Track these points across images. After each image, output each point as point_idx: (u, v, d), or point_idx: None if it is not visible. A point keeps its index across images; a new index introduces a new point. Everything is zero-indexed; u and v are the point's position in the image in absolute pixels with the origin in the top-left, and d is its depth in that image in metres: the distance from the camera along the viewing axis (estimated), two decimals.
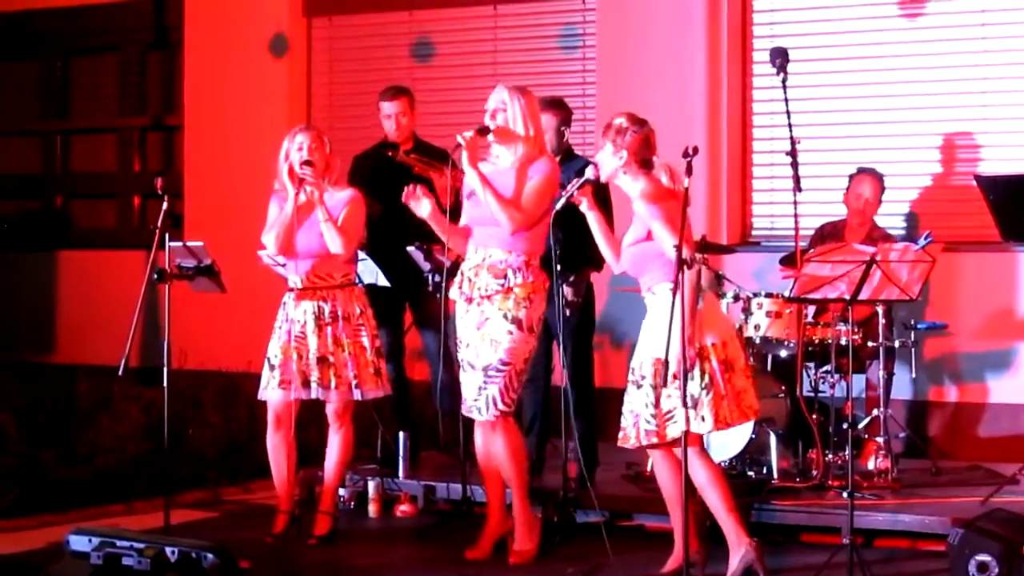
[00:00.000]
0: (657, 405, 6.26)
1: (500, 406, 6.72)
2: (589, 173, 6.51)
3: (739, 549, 6.35)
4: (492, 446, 6.84)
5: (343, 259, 7.21)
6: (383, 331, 8.19)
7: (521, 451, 6.91)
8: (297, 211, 7.17)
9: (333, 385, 7.19)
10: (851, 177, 8.34)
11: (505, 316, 6.69)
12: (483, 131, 6.72)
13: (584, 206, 6.46)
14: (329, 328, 7.19)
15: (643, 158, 6.44)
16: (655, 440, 6.31)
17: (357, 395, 7.24)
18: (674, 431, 6.22)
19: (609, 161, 6.45)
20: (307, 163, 7.15)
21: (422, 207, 6.80)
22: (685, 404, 6.03)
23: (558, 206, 6.57)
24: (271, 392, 7.26)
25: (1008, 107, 8.94)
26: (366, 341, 7.25)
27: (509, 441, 6.81)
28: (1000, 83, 8.96)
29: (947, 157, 9.14)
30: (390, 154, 8.22)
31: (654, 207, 6.31)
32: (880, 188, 8.28)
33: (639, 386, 6.34)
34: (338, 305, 7.22)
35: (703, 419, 6.27)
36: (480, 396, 6.74)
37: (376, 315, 8.07)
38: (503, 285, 6.69)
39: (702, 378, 6.26)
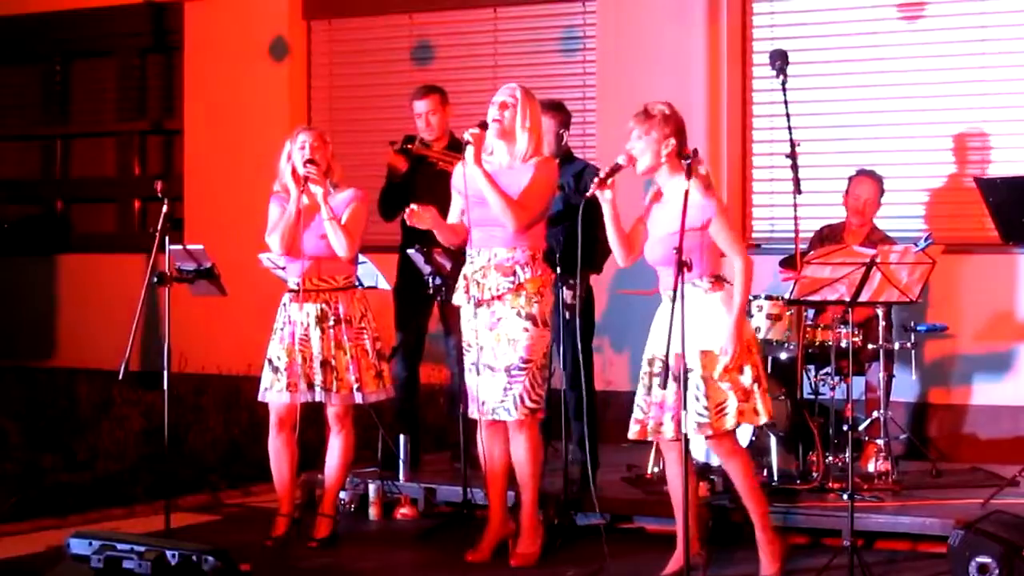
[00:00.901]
0: (708, 396, 6.21)
1: (528, 403, 6.73)
2: (621, 161, 6.32)
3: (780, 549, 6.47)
4: (514, 446, 6.83)
5: (347, 260, 7.20)
6: (405, 332, 8.23)
7: (540, 454, 6.92)
8: (301, 212, 7.16)
9: (335, 388, 7.18)
10: (850, 179, 8.34)
11: (519, 314, 6.69)
12: (483, 126, 6.73)
13: (607, 196, 6.27)
14: (331, 331, 7.18)
15: (681, 148, 6.36)
16: (709, 432, 6.26)
17: (359, 398, 7.23)
18: (728, 423, 6.23)
19: (651, 149, 6.30)
20: (310, 162, 7.14)
21: (424, 221, 6.81)
22: (685, 405, 6.02)
23: (588, 194, 6.32)
24: (275, 395, 7.25)
25: (1008, 109, 8.94)
26: (368, 344, 7.24)
27: (531, 442, 6.81)
28: (1000, 85, 8.96)
29: (947, 159, 9.15)
30: (408, 147, 8.25)
31: (718, 201, 6.29)
32: (879, 190, 8.27)
33: (677, 379, 6.18)
34: (340, 307, 7.21)
35: (756, 412, 6.28)
36: (507, 397, 6.73)
37: (401, 316, 8.12)
38: (514, 282, 6.69)
39: (752, 371, 6.27)
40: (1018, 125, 8.92)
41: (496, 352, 6.73)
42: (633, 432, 6.43)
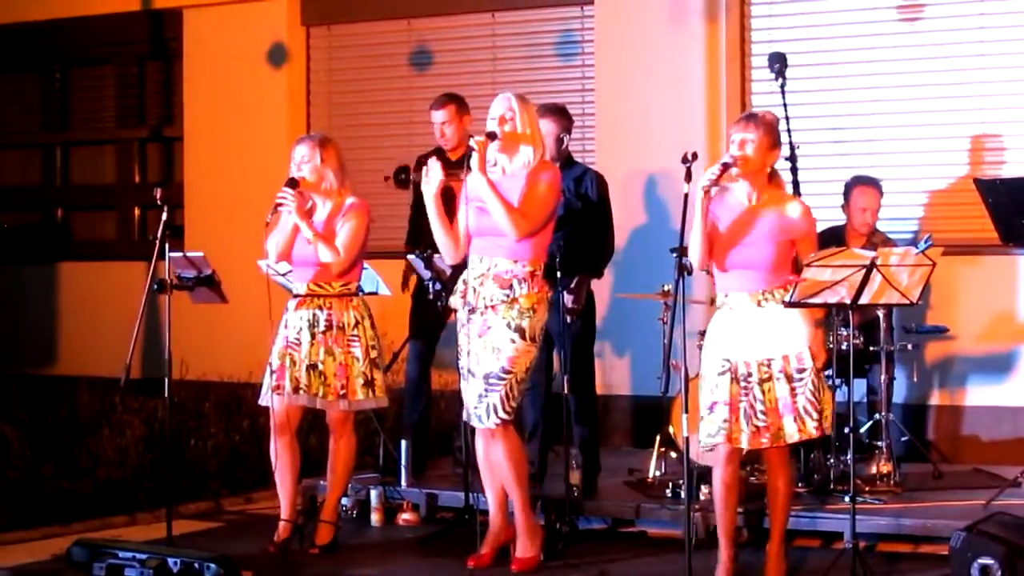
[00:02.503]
0: (819, 397, 6.20)
1: (501, 414, 6.71)
2: (730, 161, 6.22)
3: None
4: (492, 454, 6.83)
5: (336, 270, 7.17)
6: (414, 337, 8.26)
7: (522, 458, 6.89)
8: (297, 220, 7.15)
9: (321, 394, 7.17)
10: (848, 187, 8.30)
11: (508, 325, 6.67)
12: (492, 136, 6.70)
13: (709, 194, 6.22)
14: (322, 337, 7.17)
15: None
16: (822, 432, 6.26)
17: (343, 405, 7.19)
18: (829, 425, 6.26)
19: (766, 156, 6.28)
20: (291, 183, 7.10)
21: (432, 183, 6.75)
22: (686, 408, 6.00)
23: (700, 187, 6.17)
24: (267, 398, 7.25)
25: (1007, 110, 8.95)
26: (358, 352, 7.20)
27: (509, 448, 6.79)
28: (999, 86, 8.97)
29: (947, 161, 9.15)
30: (402, 177, 8.25)
31: (815, 225, 6.37)
32: (880, 195, 8.26)
33: (792, 379, 6.18)
34: (333, 314, 7.20)
35: (827, 417, 6.30)
36: (481, 404, 6.72)
37: (412, 321, 8.10)
38: (508, 295, 6.67)
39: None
40: (1018, 127, 8.92)
41: (480, 358, 6.71)
42: (763, 442, 6.23)
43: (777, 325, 6.26)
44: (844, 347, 7.37)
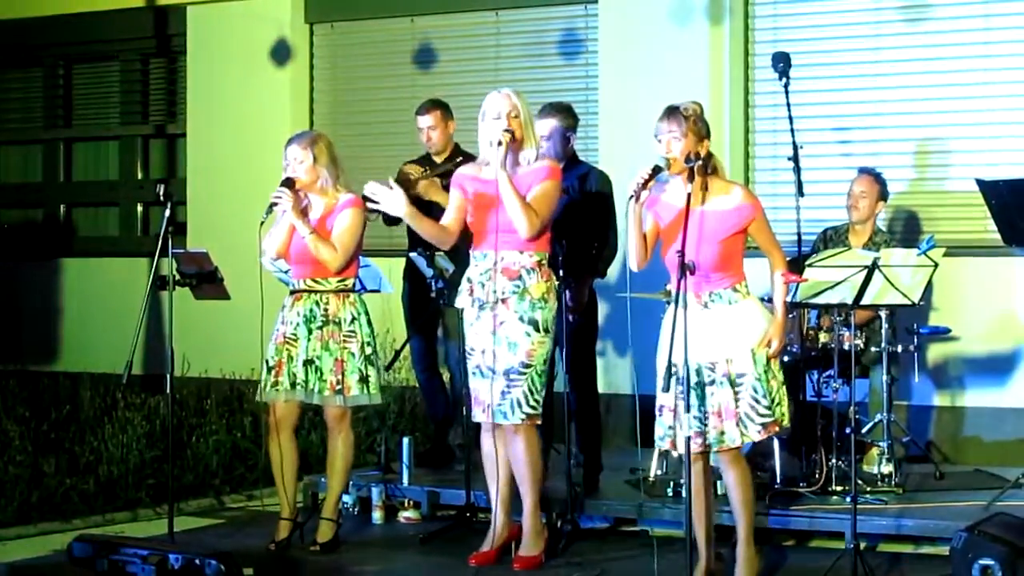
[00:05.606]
0: (768, 394, 6.07)
1: (527, 408, 6.70)
2: (660, 162, 6.16)
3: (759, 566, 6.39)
4: (511, 450, 6.81)
5: (333, 267, 7.15)
6: (418, 339, 8.26)
7: (539, 458, 6.89)
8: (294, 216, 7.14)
9: (318, 390, 7.17)
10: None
11: (521, 318, 6.68)
12: (512, 134, 6.68)
13: (641, 198, 6.09)
14: (319, 332, 7.17)
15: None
16: (776, 429, 6.14)
17: (339, 400, 7.18)
18: (786, 417, 6.16)
19: (695, 149, 6.12)
20: (286, 182, 7.10)
21: (384, 198, 6.68)
22: (688, 408, 5.97)
23: (629, 193, 6.08)
24: (267, 394, 7.25)
25: (1011, 111, 8.94)
26: (354, 348, 7.18)
27: (529, 446, 6.78)
28: (1003, 87, 8.96)
29: (949, 161, 9.14)
30: (412, 177, 8.23)
31: (756, 200, 6.21)
32: (876, 187, 8.21)
33: (734, 383, 6.07)
34: (330, 310, 7.19)
35: (783, 413, 6.19)
36: (504, 400, 6.72)
37: (413, 322, 8.12)
38: (519, 287, 6.67)
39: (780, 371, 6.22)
40: (1021, 127, 8.91)
41: (497, 355, 6.71)
42: (704, 445, 6.15)
43: (723, 327, 6.12)
44: (846, 347, 7.37)
